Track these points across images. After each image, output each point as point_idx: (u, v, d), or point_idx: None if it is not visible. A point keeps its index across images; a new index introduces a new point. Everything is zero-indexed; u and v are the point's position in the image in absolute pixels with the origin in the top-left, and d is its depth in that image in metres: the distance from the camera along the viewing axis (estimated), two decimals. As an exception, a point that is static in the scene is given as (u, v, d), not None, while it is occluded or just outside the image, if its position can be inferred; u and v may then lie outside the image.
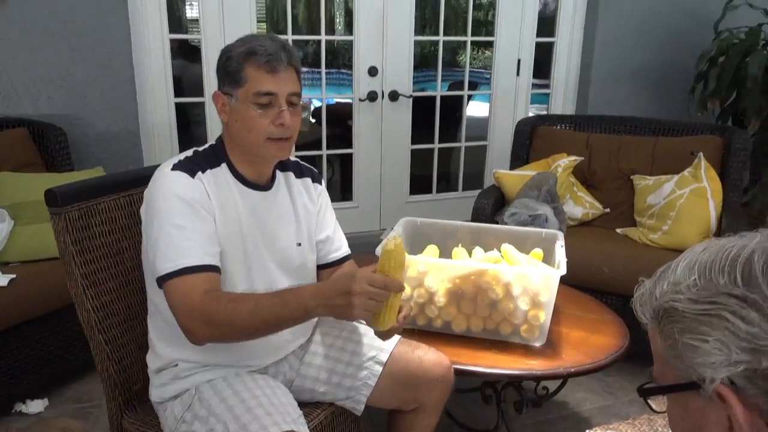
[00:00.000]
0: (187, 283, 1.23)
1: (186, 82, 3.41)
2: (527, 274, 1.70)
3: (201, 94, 3.16)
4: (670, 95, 3.77)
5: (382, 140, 3.57)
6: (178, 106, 3.17)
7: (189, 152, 1.35)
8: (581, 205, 2.92)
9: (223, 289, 1.30)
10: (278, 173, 1.45)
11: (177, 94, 3.14)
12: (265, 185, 1.40)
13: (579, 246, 2.50)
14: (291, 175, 1.48)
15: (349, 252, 1.59)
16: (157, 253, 1.25)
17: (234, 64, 1.30)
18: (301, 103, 1.34)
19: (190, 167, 1.29)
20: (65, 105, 2.86)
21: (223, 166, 1.34)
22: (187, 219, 1.24)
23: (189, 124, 3.90)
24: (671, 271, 0.67)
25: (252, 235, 1.36)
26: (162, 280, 1.25)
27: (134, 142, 3.01)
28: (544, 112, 3.95)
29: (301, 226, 1.46)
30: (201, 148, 1.37)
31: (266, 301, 1.21)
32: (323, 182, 1.56)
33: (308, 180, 1.51)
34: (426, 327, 1.79)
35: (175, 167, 1.28)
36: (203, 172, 1.30)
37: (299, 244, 1.45)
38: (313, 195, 1.52)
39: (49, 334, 2.27)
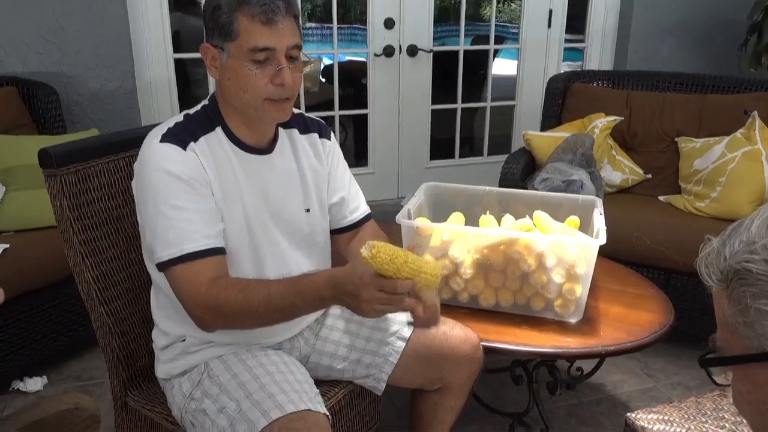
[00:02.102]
0: (191, 270, 1.23)
1: (185, 37, 3.39)
2: (563, 244, 1.68)
3: (202, 49, 3.14)
4: (719, 50, 3.69)
5: (400, 100, 3.54)
6: (178, 63, 3.16)
7: (179, 116, 1.33)
8: (620, 169, 2.89)
9: (228, 267, 1.30)
10: (281, 131, 1.43)
11: (176, 49, 3.12)
12: (266, 148, 1.38)
13: (617, 215, 2.47)
14: (295, 131, 1.45)
15: (369, 211, 1.57)
16: (156, 237, 1.24)
17: (224, 14, 1.24)
18: (302, 56, 1.29)
19: (180, 137, 1.27)
20: (56, 62, 2.86)
21: (218, 130, 1.32)
22: (185, 199, 1.23)
23: (189, 82, 3.89)
24: (744, 229, 0.64)
25: (254, 204, 1.35)
26: (163, 266, 1.25)
27: (131, 102, 3.01)
28: (579, 69, 3.88)
29: (309, 189, 1.45)
30: (192, 111, 1.35)
31: (279, 291, 1.21)
32: (333, 136, 1.53)
33: (314, 135, 1.48)
34: (451, 301, 1.79)
35: (164, 138, 1.26)
36: (195, 140, 1.28)
37: (308, 210, 1.44)
38: (321, 153, 1.48)
39: (46, 308, 2.29)
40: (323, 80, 4.35)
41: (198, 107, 1.36)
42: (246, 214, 1.34)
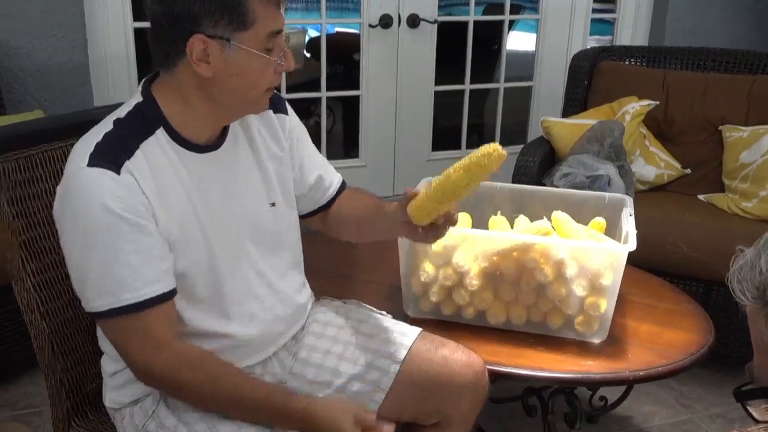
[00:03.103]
0: (135, 326, 1.23)
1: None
2: (586, 250, 1.68)
3: (167, 17, 3.13)
4: (772, 23, 3.70)
5: (398, 80, 3.53)
6: (139, 33, 3.14)
7: (107, 125, 1.28)
8: (654, 163, 2.89)
9: (183, 296, 1.30)
10: None
11: (137, 17, 3.10)
12: (215, 143, 1.37)
13: (650, 216, 2.48)
14: None
15: (342, 179, 1.63)
16: (86, 283, 1.23)
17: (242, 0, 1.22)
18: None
19: (112, 156, 1.22)
20: (-6, 30, 2.85)
21: (159, 132, 1.30)
22: (123, 239, 1.21)
23: (150, 56, 3.89)
24: None
25: (211, 213, 1.34)
26: (97, 317, 1.25)
27: (82, 78, 3.00)
28: (608, 44, 3.88)
29: (271, 180, 1.45)
30: (123, 112, 1.31)
31: (251, 398, 1.28)
32: (290, 109, 1.53)
33: (269, 113, 1.47)
34: (453, 318, 1.79)
35: (93, 161, 1.21)
36: (130, 155, 1.24)
37: (273, 205, 1.45)
38: (279, 132, 1.48)
39: (-24, 322, 2.29)
40: (308, 55, 4.35)
41: (129, 107, 1.32)
42: (202, 227, 1.33)
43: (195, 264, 1.32)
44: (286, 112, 1.51)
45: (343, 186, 1.62)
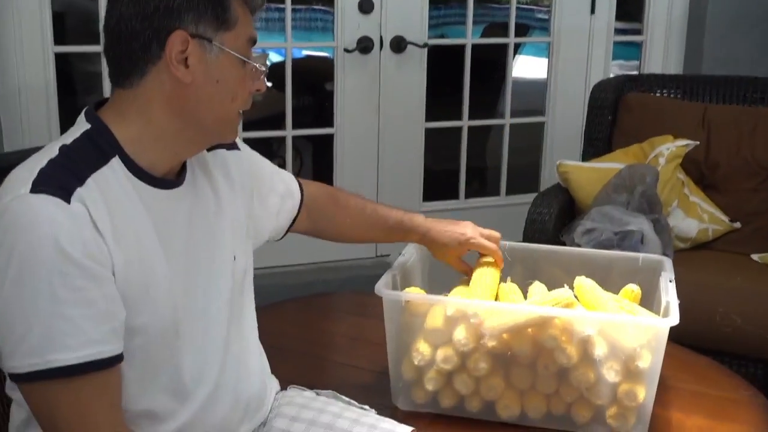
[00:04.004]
0: (65, 399, 1.21)
1: (72, 22, 3.40)
2: (618, 325, 1.68)
3: (96, 40, 3.15)
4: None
5: (381, 115, 3.56)
6: (61, 59, 3.17)
7: (50, 151, 1.29)
8: (696, 216, 2.91)
9: (132, 364, 1.29)
10: None
11: (59, 40, 3.13)
12: (174, 180, 1.40)
13: (694, 281, 2.47)
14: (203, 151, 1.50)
15: (299, 184, 1.78)
16: (9, 335, 1.21)
17: None
18: None
19: (60, 182, 1.23)
20: None
21: (114, 162, 1.31)
22: (67, 283, 1.20)
23: (75, 86, 3.89)
24: None
25: (174, 260, 1.35)
26: (18, 379, 1.22)
27: (-11, 116, 2.99)
28: (635, 72, 3.94)
29: (232, 227, 1.49)
30: (69, 139, 1.32)
31: None
32: (239, 141, 1.60)
33: (221, 153, 1.52)
34: (455, 411, 1.77)
35: (37, 186, 1.21)
36: (82, 183, 1.25)
37: (234, 258, 1.48)
38: (234, 173, 1.53)
39: None
40: (269, 85, 4.37)
41: (76, 133, 1.33)
42: (167, 278, 1.33)
43: (154, 324, 1.31)
44: (237, 147, 1.57)
45: (302, 197, 1.77)
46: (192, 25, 1.28)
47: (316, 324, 2.12)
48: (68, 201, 1.21)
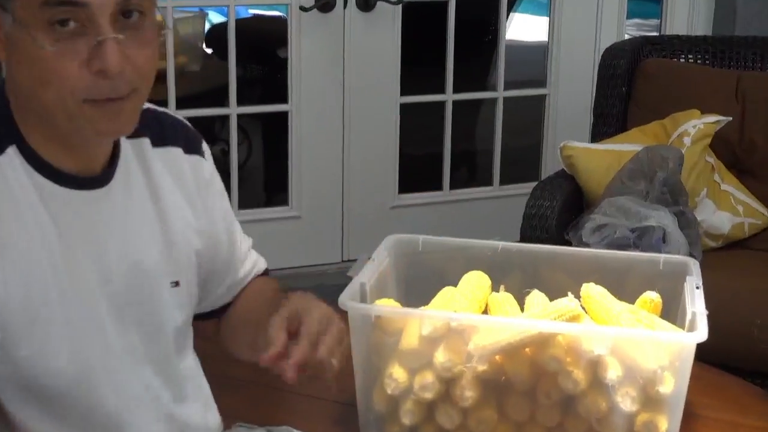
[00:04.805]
0: None
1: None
2: (634, 343, 1.68)
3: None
4: None
5: (346, 87, 3.57)
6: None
7: None
8: (729, 208, 2.93)
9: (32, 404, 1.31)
10: (123, 144, 1.43)
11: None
12: (99, 176, 1.39)
13: (726, 287, 2.49)
14: (145, 142, 1.47)
15: (264, 266, 1.74)
16: None
17: None
18: (151, 14, 1.30)
19: None
20: None
21: (11, 150, 1.31)
22: None
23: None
24: None
25: (77, 281, 1.34)
26: None
27: None
28: (654, 33, 3.95)
29: (176, 245, 1.48)
30: None
31: None
32: (207, 151, 1.56)
33: (175, 151, 1.50)
34: (438, 448, 1.76)
35: None
36: None
37: (176, 284, 1.47)
38: (189, 181, 1.51)
39: None
40: (209, 51, 4.35)
41: None
42: (64, 303, 1.32)
43: (45, 357, 1.31)
44: (201, 154, 1.54)
45: (265, 274, 1.72)
46: None
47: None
48: None
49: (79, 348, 1.34)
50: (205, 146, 1.57)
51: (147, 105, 1.47)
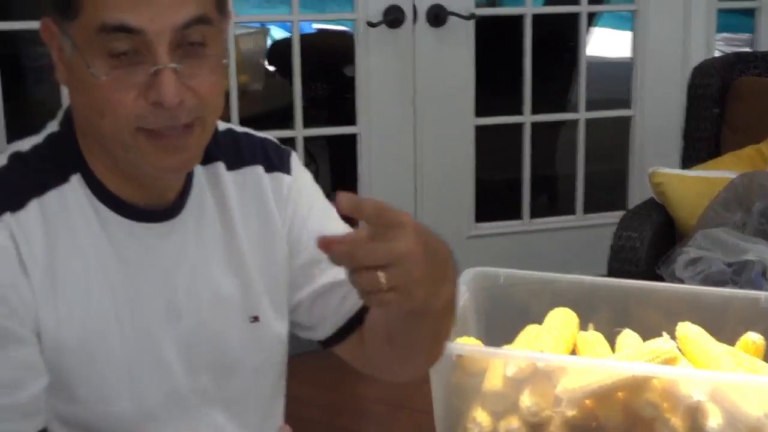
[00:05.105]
0: None
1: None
2: (736, 387, 1.66)
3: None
4: None
5: (417, 108, 3.57)
6: (7, 40, 3.26)
7: (3, 156, 1.33)
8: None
9: None
10: (195, 171, 1.43)
11: (3, 15, 3.20)
12: (167, 209, 1.39)
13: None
14: (220, 167, 1.46)
15: None
16: None
17: None
18: (215, 42, 1.28)
19: None
20: None
21: (74, 179, 1.32)
22: None
23: (21, 73, 3.91)
24: None
25: (140, 320, 1.35)
26: None
27: None
28: (746, 49, 3.92)
29: (253, 280, 1.46)
30: (28, 146, 1.34)
31: None
32: (295, 161, 1.54)
33: (257, 170, 1.49)
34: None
35: None
36: (19, 207, 1.26)
37: (254, 319, 1.46)
38: (271, 204, 1.48)
39: None
40: (271, 69, 4.35)
41: (39, 138, 1.36)
42: (124, 343, 1.33)
43: (104, 400, 1.32)
44: (287, 170, 1.51)
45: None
46: (49, 8, 1.26)
47: (340, 385, 2.13)
48: None
49: (142, 390, 1.35)
50: (293, 160, 1.53)
51: (226, 126, 1.50)
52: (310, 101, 3.61)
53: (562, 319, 1.91)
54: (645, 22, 3.78)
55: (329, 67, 3.94)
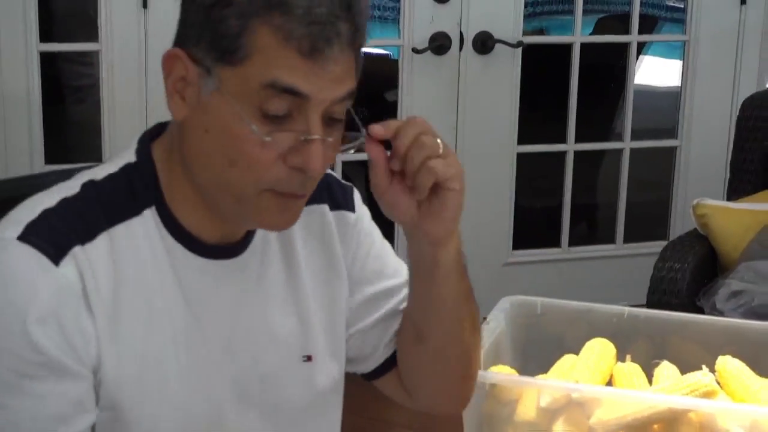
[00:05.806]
0: None
1: (62, 14, 3.48)
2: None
3: (94, 36, 3.20)
4: None
5: (459, 134, 3.58)
6: (47, 60, 3.24)
7: (74, 184, 1.32)
8: None
9: None
10: None
11: (45, 36, 3.20)
12: (234, 246, 1.39)
13: None
14: None
15: None
16: None
17: (232, 15, 1.21)
18: (343, 120, 1.28)
19: (58, 233, 1.25)
20: None
21: (147, 213, 1.32)
22: (23, 385, 1.23)
23: (63, 94, 3.95)
24: None
25: (200, 353, 1.36)
26: None
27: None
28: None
29: (310, 319, 1.47)
30: (101, 175, 1.33)
31: None
32: (358, 202, 1.54)
33: (322, 208, 1.50)
34: None
35: (28, 232, 1.23)
36: (89, 239, 1.26)
37: (307, 359, 1.46)
38: (336, 244, 1.49)
39: None
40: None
41: (113, 166, 1.34)
42: (182, 377, 1.34)
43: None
44: (351, 208, 1.52)
45: None
46: (194, 45, 1.24)
47: (365, 410, 2.12)
48: (57, 263, 1.22)
49: (190, 425, 1.35)
50: (355, 197, 1.53)
51: None
52: (348, 125, 3.63)
53: (599, 349, 1.90)
54: (695, 51, 3.77)
55: (370, 91, 3.95)
